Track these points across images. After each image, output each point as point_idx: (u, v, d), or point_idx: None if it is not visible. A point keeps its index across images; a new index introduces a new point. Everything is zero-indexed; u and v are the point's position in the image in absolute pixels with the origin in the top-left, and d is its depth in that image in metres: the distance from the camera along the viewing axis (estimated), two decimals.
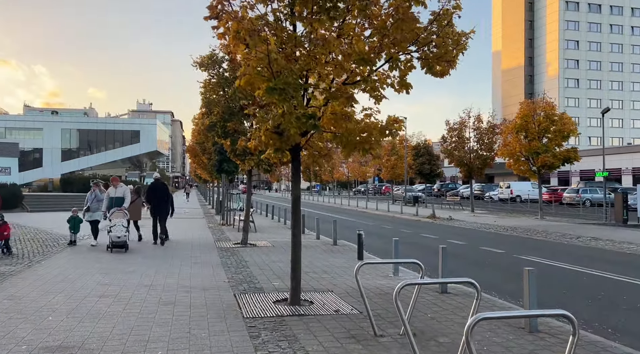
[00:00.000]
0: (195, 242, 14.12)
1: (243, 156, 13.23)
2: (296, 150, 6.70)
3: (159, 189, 14.09)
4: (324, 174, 64.88)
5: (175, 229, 17.95)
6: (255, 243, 13.75)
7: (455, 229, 20.37)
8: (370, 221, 24.88)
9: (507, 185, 44.81)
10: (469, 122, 29.86)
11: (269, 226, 19.91)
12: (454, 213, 28.17)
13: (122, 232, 11.73)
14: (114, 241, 11.68)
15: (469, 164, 29.24)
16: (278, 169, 13.89)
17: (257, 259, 10.99)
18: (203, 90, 13.21)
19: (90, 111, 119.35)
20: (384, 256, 12.40)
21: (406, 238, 16.63)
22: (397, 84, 6.44)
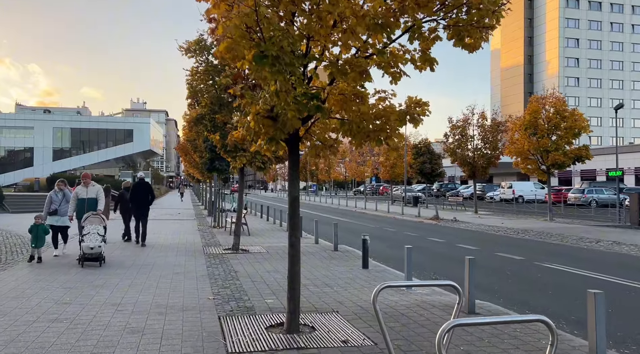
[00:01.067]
0: (181, 247, 12.80)
1: (234, 152, 11.94)
2: (294, 140, 5.41)
3: (142, 188, 13.52)
4: (321, 174, 63.62)
5: (162, 231, 16.64)
6: (248, 249, 12.44)
7: (462, 232, 19.13)
8: (370, 222, 23.61)
9: (508, 185, 43.68)
10: (473, 120, 28.68)
11: (264, 229, 18.61)
12: (457, 214, 26.95)
13: (96, 242, 9.59)
14: (86, 253, 9.48)
15: (472, 163, 28.05)
16: (273, 167, 12.55)
17: (249, 268, 9.69)
18: (190, 78, 11.90)
19: (84, 110, 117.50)
20: (391, 263, 11.13)
21: (412, 242, 15.38)
22: (419, 60, 5.16)
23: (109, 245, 12.54)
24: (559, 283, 9.30)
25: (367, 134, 5.12)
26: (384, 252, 13.19)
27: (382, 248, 13.94)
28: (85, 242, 9.54)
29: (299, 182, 5.63)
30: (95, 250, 9.55)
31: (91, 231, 9.67)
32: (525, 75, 77.13)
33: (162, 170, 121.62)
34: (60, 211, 10.68)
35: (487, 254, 12.79)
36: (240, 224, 12.62)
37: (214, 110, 11.99)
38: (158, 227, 18.44)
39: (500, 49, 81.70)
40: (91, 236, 9.62)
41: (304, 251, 12.22)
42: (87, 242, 9.55)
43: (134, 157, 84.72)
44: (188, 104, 12.13)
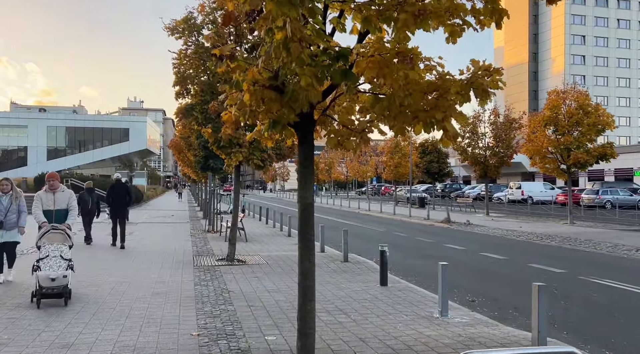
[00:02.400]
0: (168, 256, 11.17)
1: (229, 148, 10.33)
2: (307, 124, 3.80)
3: (120, 189, 12.99)
4: (321, 174, 62.01)
5: (151, 236, 15.01)
6: (245, 260, 10.81)
7: (480, 237, 17.51)
8: (377, 225, 22.00)
9: (517, 185, 42.10)
10: (484, 116, 27.07)
11: (263, 234, 16.98)
12: (468, 216, 25.35)
13: (60, 269, 6.54)
14: (44, 287, 6.42)
15: (484, 162, 26.44)
16: (274, 165, 10.94)
17: (246, 286, 8.06)
18: (177, 62, 10.27)
19: (80, 109, 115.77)
20: (412, 277, 9.52)
21: (429, 250, 13.77)
22: (484, 11, 3.54)
23: (83, 255, 10.93)
24: (624, 305, 7.69)
25: (415, 115, 3.50)
26: (401, 263, 11.57)
27: (398, 258, 12.32)
28: (43, 269, 6.46)
29: (313, 183, 4.01)
30: (59, 281, 6.47)
31: (51, 253, 6.66)
32: (530, 73, 75.57)
33: (159, 170, 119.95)
34: (6, 223, 7.77)
35: (519, 266, 11.18)
36: (236, 230, 10.99)
37: (206, 99, 10.37)
38: (147, 232, 16.82)
39: (504, 47, 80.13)
40: (51, 261, 6.59)
41: None
42: (46, 270, 6.46)
43: (130, 157, 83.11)
44: (176, 92, 10.51)
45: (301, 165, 3.93)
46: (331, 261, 10.89)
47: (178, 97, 10.57)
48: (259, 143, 10.45)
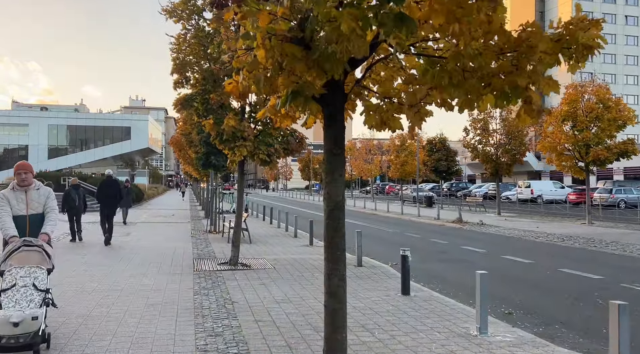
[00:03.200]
0: (167, 259, 10.28)
1: (232, 142, 9.42)
2: (337, 97, 2.87)
3: (110, 186, 12.81)
4: None
5: (150, 238, 14.11)
6: (250, 264, 9.90)
7: (496, 238, 16.58)
8: (386, 226, 21.07)
9: (526, 184, 41.10)
10: (495, 113, 26.11)
11: (268, 235, 16.08)
12: (479, 216, 24.40)
13: (29, 307, 4.38)
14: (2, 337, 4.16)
15: (495, 160, 25.49)
16: (281, 159, 9.96)
17: (251, 296, 7.15)
18: (175, 47, 9.37)
19: (82, 108, 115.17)
20: (435, 284, 8.62)
21: (446, 253, 12.84)
22: None
23: (74, 257, 10.05)
24: None
25: (487, 82, 2.57)
26: (419, 267, 10.63)
27: (414, 261, 11.34)
28: (5, 307, 4.34)
29: (344, 175, 3.09)
30: (25, 327, 4.18)
31: (19, 281, 4.51)
32: None
33: (161, 169, 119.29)
34: None
35: (550, 271, 10.23)
36: (239, 231, 10.08)
37: (207, 89, 9.48)
38: (146, 232, 15.94)
39: None
40: (18, 293, 4.45)
41: (320, 267, 9.69)
42: (8, 307, 4.33)
43: (132, 156, 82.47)
44: (174, 81, 9.61)
45: (329, 153, 3.01)
46: None
47: (177, 86, 9.67)
48: (265, 136, 9.56)
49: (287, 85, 2.67)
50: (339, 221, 3.07)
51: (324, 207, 3.18)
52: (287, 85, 2.67)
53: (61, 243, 12.82)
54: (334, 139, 2.96)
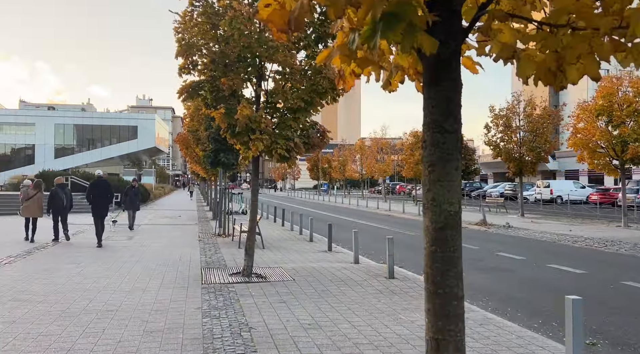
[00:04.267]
0: (171, 269, 9.08)
1: (245, 135, 8.21)
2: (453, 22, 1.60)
3: (101, 187, 12.49)
4: (334, 172, 59.81)
5: (154, 242, 12.91)
6: (265, 275, 8.67)
7: (530, 242, 15.23)
8: (404, 228, 19.77)
9: (545, 184, 39.57)
10: (519, 108, 24.72)
11: (281, 238, 14.86)
12: (502, 218, 23.03)
13: None
14: None
15: (519, 159, 24.09)
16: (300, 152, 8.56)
17: (271, 318, 5.91)
18: (181, 27, 8.16)
19: (89, 107, 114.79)
20: (481, 299, 7.34)
21: (482, 260, 11.54)
22: None
23: (67, 266, 8.88)
24: None
25: None
26: None
27: None
28: None
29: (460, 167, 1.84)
30: None
31: None
32: None
33: (168, 168, 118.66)
34: None
35: (613, 285, 8.88)
36: (254, 238, 8.85)
37: (216, 75, 8.25)
38: (150, 235, 14.78)
39: None
40: None
41: (345, 279, 8.46)
42: None
43: (139, 155, 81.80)
44: (179, 67, 8.40)
45: (437, 129, 1.76)
46: (372, 276, 8.71)
47: (182, 72, 8.44)
48: (284, 129, 8.33)
49: (376, 5, 1.43)
50: (453, 247, 1.81)
51: (424, 224, 1.96)
52: (376, 4, 1.43)
53: (58, 248, 11.70)
54: (446, 105, 1.72)
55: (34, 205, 12.97)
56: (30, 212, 12.91)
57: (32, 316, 5.78)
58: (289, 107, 8.33)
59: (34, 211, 12.94)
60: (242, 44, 7.71)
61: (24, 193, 13.45)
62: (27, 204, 13.01)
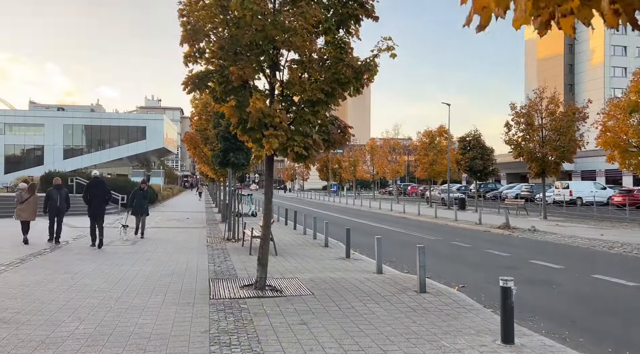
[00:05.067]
0: (176, 281, 8.19)
1: (258, 131, 7.31)
2: None
3: (97, 187, 12.27)
4: (345, 172, 58.79)
5: (158, 247, 12.05)
6: (281, 288, 7.74)
7: (562, 248, 14.16)
8: (424, 232, 18.76)
9: (564, 185, 38.27)
10: (541, 106, 23.58)
11: (294, 243, 13.93)
12: (524, 221, 21.94)
13: None
14: None
15: (542, 159, 22.96)
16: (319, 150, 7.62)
17: (292, 346, 4.97)
18: (186, 9, 7.25)
19: (98, 108, 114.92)
20: (528, 318, 6.33)
21: (517, 269, 10.49)
22: None
23: (60, 276, 8.00)
24: None
25: None
26: (494, 290, 8.37)
27: (481, 280, 9.11)
28: None
29: None
30: None
31: None
32: (566, 66, 71.03)
33: (177, 169, 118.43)
34: None
35: None
36: (267, 246, 7.93)
37: (226, 64, 7.34)
38: (156, 240, 13.94)
39: (536, 39, 75.70)
40: None
41: (371, 293, 7.52)
42: None
43: (148, 156, 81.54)
44: (184, 55, 7.49)
45: None
46: (400, 290, 7.74)
47: (188, 61, 7.53)
48: (301, 124, 7.40)
49: None
50: None
51: None
52: None
53: (55, 255, 10.87)
54: None
55: (28, 208, 12.75)
56: (25, 216, 12.68)
57: (10, 343, 4.90)
58: (307, 99, 7.40)
59: (28, 214, 12.72)
60: (255, 27, 6.78)
61: (18, 196, 13.11)
62: (21, 207, 12.76)
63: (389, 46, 7.23)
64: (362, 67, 7.28)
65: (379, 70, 7.41)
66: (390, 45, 7.23)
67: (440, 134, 34.59)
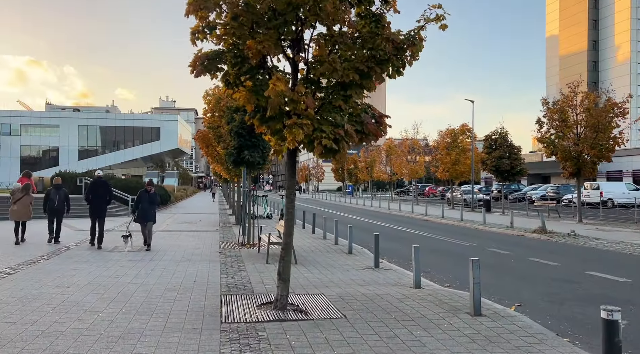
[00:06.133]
0: (181, 298, 7.00)
1: (279, 120, 6.09)
2: None
3: (100, 187, 12.18)
4: (361, 173, 57.43)
5: (165, 254, 10.81)
6: (305, 308, 6.48)
7: (615, 256, 12.66)
8: (453, 236, 17.35)
9: (595, 186, 36.38)
10: (576, 100, 21.99)
11: (314, 249, 12.68)
12: (558, 224, 20.39)
13: None
14: None
15: (577, 158, 21.37)
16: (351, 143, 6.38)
17: None
18: None
19: (113, 109, 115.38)
20: None
21: (574, 283, 9.07)
22: None
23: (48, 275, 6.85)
24: None
25: None
26: (557, 312, 7.01)
27: (535, 296, 7.74)
28: None
29: None
30: None
31: None
32: (590, 63, 68.72)
33: (191, 170, 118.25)
34: None
35: None
36: (290, 258, 6.67)
37: (239, 42, 6.13)
38: (164, 245, 12.79)
39: (559, 35, 73.47)
40: None
41: (413, 314, 6.24)
42: None
43: (162, 157, 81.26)
44: (192, 30, 6.30)
45: None
46: (450, 312, 6.43)
47: (196, 38, 6.32)
48: (331, 111, 6.15)
49: None
50: None
51: None
52: None
53: (52, 263, 9.77)
54: None
55: (21, 208, 12.59)
56: (18, 215, 12.56)
57: None
58: (338, 82, 6.15)
59: (22, 213, 12.60)
60: None
61: (13, 195, 13.00)
62: (14, 207, 12.64)
63: (438, 15, 5.95)
64: (404, 42, 6.00)
65: (424, 46, 6.13)
66: (439, 14, 5.95)
67: (462, 132, 33.04)
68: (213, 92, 19.17)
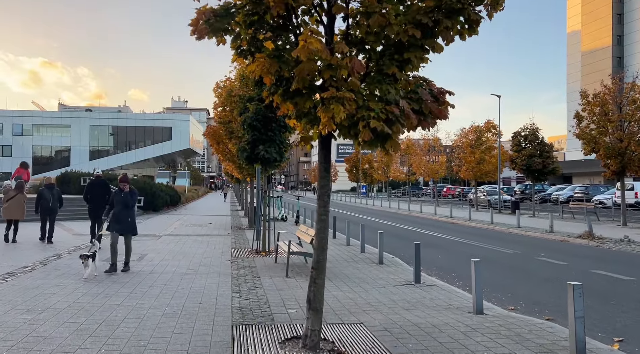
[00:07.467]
0: (182, 327, 5.42)
1: (309, 96, 4.46)
2: None
3: (99, 187, 11.98)
4: (376, 173, 55.63)
5: (168, 265, 8.96)
6: (344, 348, 4.84)
7: None
8: (492, 243, 15.59)
9: (629, 186, 34.18)
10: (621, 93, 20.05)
11: (339, 258, 11.04)
12: (602, 228, 18.49)
13: None
14: None
15: (622, 155, 19.43)
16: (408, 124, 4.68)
17: None
18: None
19: (125, 109, 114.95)
20: None
21: None
22: None
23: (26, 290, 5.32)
24: None
25: None
26: None
27: (633, 325, 6.02)
28: None
29: None
30: None
31: None
32: (614, 58, 65.98)
33: (203, 170, 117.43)
34: None
35: None
36: (323, 281, 5.02)
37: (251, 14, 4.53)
38: (169, 253, 11.23)
39: (581, 31, 70.87)
40: None
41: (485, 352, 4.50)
42: None
43: (174, 157, 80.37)
44: (199, 13, 4.72)
45: None
46: (518, 345, 4.73)
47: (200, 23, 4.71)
48: (381, 83, 4.52)
49: None
50: None
51: None
52: None
53: (34, 278, 8.28)
54: None
55: (14, 206, 12.36)
56: (11, 214, 12.37)
57: None
58: (391, 43, 4.51)
59: (14, 212, 12.37)
60: None
61: (6, 193, 12.83)
62: (6, 205, 12.44)
63: None
64: None
65: None
66: None
67: (488, 129, 31.16)
68: (224, 84, 17.69)
